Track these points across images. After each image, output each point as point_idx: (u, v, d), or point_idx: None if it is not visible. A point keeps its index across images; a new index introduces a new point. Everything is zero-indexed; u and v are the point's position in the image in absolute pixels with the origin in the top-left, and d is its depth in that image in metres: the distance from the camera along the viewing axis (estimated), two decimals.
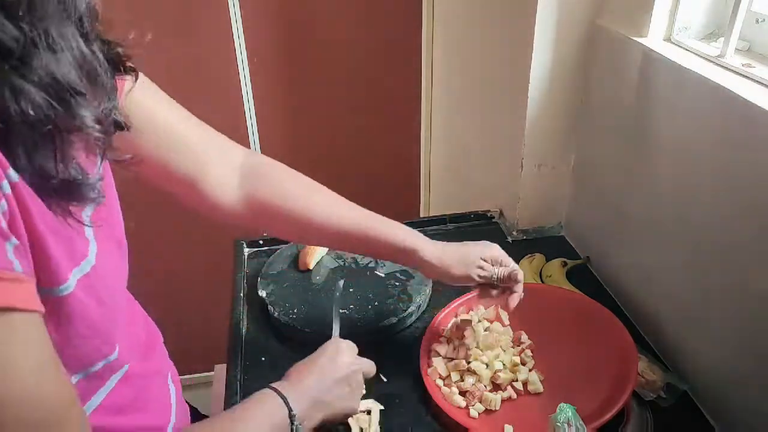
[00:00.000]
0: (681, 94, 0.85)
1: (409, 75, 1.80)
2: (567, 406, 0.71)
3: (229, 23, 1.62)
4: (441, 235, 1.26)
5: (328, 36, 1.71)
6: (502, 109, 1.28)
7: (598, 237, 1.14)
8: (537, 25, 1.04)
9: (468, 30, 1.49)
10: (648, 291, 0.99)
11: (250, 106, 1.75)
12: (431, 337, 0.95)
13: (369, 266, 1.12)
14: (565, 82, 1.10)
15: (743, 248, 0.76)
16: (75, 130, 0.45)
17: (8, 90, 0.40)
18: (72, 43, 0.45)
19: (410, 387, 0.90)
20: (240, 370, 0.94)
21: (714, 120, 0.78)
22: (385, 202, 2.12)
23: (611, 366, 0.87)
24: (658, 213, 0.93)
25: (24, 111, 0.40)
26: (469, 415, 0.84)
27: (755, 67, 0.79)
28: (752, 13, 0.84)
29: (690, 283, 0.87)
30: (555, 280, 1.08)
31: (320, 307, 1.02)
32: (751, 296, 0.75)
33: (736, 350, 0.79)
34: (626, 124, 0.99)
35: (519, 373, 0.88)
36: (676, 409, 0.85)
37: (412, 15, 1.71)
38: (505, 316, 0.98)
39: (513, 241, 1.25)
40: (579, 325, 0.95)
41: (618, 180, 1.04)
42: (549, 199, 1.24)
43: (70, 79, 0.43)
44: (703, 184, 0.82)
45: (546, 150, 1.18)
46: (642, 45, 0.92)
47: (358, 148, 1.90)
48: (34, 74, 0.41)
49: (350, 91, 1.81)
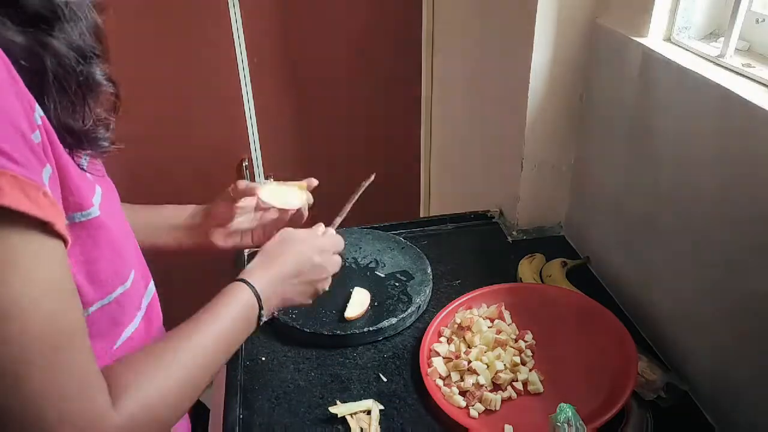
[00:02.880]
0: (681, 94, 0.85)
1: (409, 75, 1.80)
2: (567, 406, 0.71)
3: (229, 23, 1.62)
4: (441, 235, 1.27)
5: (327, 36, 1.71)
6: (502, 109, 1.28)
7: (598, 237, 1.14)
8: (537, 25, 1.04)
9: (468, 29, 1.49)
10: (648, 291, 0.99)
11: (250, 106, 1.75)
12: (431, 337, 0.95)
13: (369, 266, 1.12)
14: (565, 82, 1.10)
15: (743, 248, 0.76)
16: (95, 86, 0.54)
17: (42, 47, 0.48)
18: (88, 13, 0.53)
19: (410, 387, 0.90)
20: (240, 370, 0.94)
21: (714, 120, 0.78)
22: (385, 202, 2.13)
23: (611, 366, 0.87)
24: (658, 213, 0.93)
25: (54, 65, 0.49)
26: (469, 415, 0.84)
27: (755, 67, 0.79)
28: (752, 13, 0.84)
29: (690, 283, 0.87)
30: (555, 280, 1.08)
31: (320, 307, 1.02)
32: (751, 296, 0.75)
33: (736, 350, 0.79)
34: (626, 123, 0.99)
35: (519, 373, 0.88)
36: (676, 409, 0.85)
37: (412, 15, 1.71)
38: (507, 315, 0.98)
39: (513, 241, 1.25)
40: (579, 325, 0.95)
41: (618, 180, 1.04)
42: (549, 199, 1.24)
43: (89, 41, 0.52)
44: (703, 184, 0.82)
45: (546, 150, 1.18)
46: (642, 45, 0.92)
47: (358, 147, 1.91)
48: (61, 36, 0.50)
49: (350, 91, 1.81)
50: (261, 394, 0.90)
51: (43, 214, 0.45)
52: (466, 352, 0.91)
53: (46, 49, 0.48)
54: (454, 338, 0.95)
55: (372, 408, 0.85)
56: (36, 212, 0.44)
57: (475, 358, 0.89)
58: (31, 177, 0.45)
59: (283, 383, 0.92)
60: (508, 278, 1.11)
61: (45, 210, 0.45)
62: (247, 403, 0.89)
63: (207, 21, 1.62)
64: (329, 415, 0.84)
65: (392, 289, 1.06)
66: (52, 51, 0.49)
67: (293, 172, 1.89)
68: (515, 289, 1.04)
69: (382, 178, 2.07)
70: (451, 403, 0.85)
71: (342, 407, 0.85)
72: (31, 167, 0.45)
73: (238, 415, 0.87)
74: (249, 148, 1.81)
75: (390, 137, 1.91)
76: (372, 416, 0.83)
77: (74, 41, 0.51)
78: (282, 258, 0.77)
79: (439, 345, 0.94)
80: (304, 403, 0.88)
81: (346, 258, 1.14)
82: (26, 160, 0.45)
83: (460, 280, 1.12)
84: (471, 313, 0.99)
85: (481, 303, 1.01)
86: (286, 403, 0.88)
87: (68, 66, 0.50)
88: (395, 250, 1.16)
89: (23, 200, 0.43)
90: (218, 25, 1.62)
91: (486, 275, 1.11)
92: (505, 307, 1.00)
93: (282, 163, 1.86)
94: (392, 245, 1.17)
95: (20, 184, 0.43)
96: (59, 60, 0.49)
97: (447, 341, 0.95)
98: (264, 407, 0.88)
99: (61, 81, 0.50)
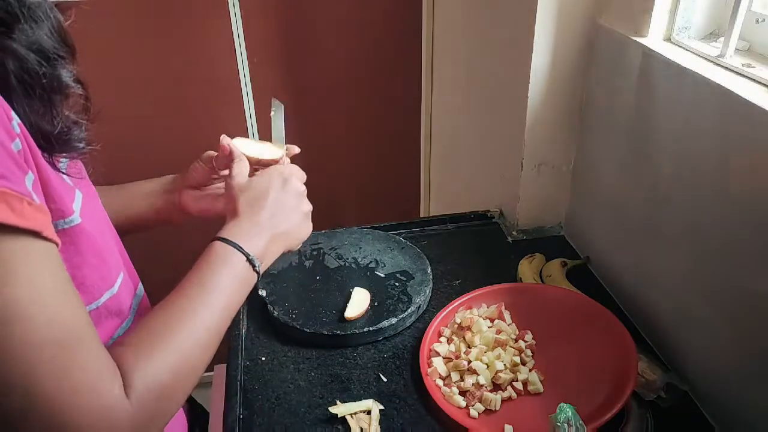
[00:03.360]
0: (681, 94, 0.85)
1: (409, 75, 1.81)
2: (567, 406, 0.71)
3: (229, 23, 1.62)
4: (441, 235, 1.27)
5: (328, 36, 1.71)
6: (502, 109, 1.28)
7: (598, 237, 1.14)
8: (537, 25, 1.04)
9: (468, 29, 1.49)
10: (648, 291, 0.99)
11: (250, 106, 1.75)
12: (431, 337, 0.95)
13: (369, 266, 1.12)
14: (565, 82, 1.10)
15: (743, 248, 0.76)
16: (62, 88, 0.53)
17: (1, 50, 0.47)
18: (49, 14, 0.52)
19: (410, 387, 0.90)
20: (240, 370, 0.94)
21: (714, 120, 0.78)
22: (385, 202, 2.13)
23: (611, 366, 0.87)
24: (658, 213, 0.93)
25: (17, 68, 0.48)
26: (469, 415, 0.84)
27: (755, 67, 0.79)
28: (752, 13, 0.84)
29: (690, 282, 0.87)
30: (555, 280, 1.08)
31: (320, 307, 1.02)
32: (751, 296, 0.75)
33: (737, 350, 0.79)
34: (626, 124, 0.99)
35: (519, 373, 0.88)
36: (676, 409, 0.85)
37: (412, 15, 1.71)
38: (507, 315, 0.98)
39: (513, 241, 1.25)
40: (579, 325, 0.95)
41: (618, 180, 1.04)
42: (549, 199, 1.24)
43: (50, 43, 0.51)
44: (703, 184, 0.82)
45: (546, 150, 1.18)
46: (642, 45, 0.92)
47: (358, 147, 1.91)
48: (21, 39, 0.48)
49: (350, 91, 1.81)
50: (261, 394, 0.90)
51: (30, 224, 0.45)
52: (466, 352, 0.91)
53: (5, 52, 0.47)
54: (454, 338, 0.95)
55: (372, 408, 0.85)
56: (23, 224, 0.45)
57: (475, 358, 0.89)
58: (14, 188, 0.45)
59: (283, 383, 0.92)
60: (508, 278, 1.11)
61: (31, 220, 0.45)
62: (247, 403, 0.89)
63: (207, 21, 1.62)
64: (329, 415, 0.84)
65: (392, 289, 1.06)
66: (12, 53, 0.48)
67: None
68: (515, 289, 1.04)
69: (383, 178, 2.08)
70: (451, 403, 0.85)
71: (342, 407, 0.85)
72: (14, 178, 0.45)
73: (238, 415, 0.87)
74: None
75: (390, 137, 1.91)
76: (372, 416, 0.83)
77: (35, 43, 0.50)
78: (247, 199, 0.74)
79: (439, 345, 0.94)
80: (304, 403, 0.88)
81: (346, 258, 1.14)
82: (8, 171, 0.45)
83: (460, 280, 1.12)
84: (471, 313, 0.99)
85: (481, 303, 1.01)
86: (286, 403, 0.88)
87: (30, 69, 0.49)
88: (395, 250, 1.16)
89: (9, 214, 0.44)
90: (218, 25, 1.62)
91: (486, 275, 1.11)
92: (505, 307, 1.00)
93: None
94: (392, 245, 1.17)
95: (4, 197, 0.44)
96: (20, 63, 0.48)
97: (447, 341, 0.95)
98: (264, 407, 0.88)
99: (24, 84, 0.49)
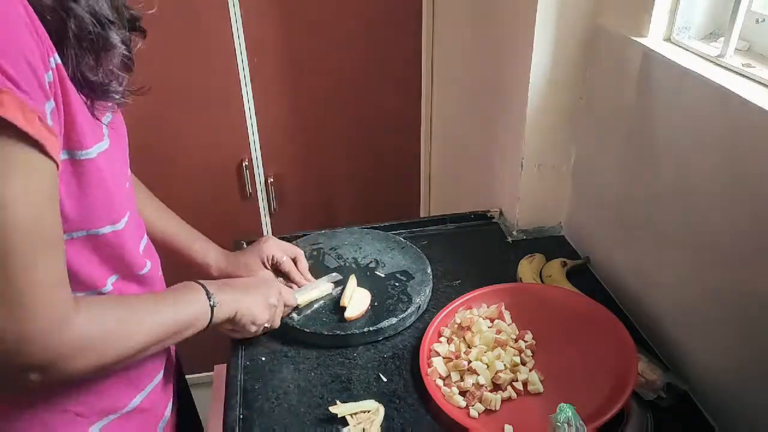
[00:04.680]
0: (681, 94, 0.85)
1: (409, 75, 1.81)
2: (567, 406, 0.71)
3: (229, 23, 1.62)
4: (441, 235, 1.27)
5: (328, 36, 1.71)
6: (502, 109, 1.28)
7: (598, 237, 1.14)
8: (537, 25, 1.04)
9: (468, 29, 1.49)
10: (648, 291, 0.99)
11: (250, 106, 1.75)
12: (431, 337, 0.95)
13: (369, 266, 1.12)
14: (565, 82, 1.11)
15: (743, 248, 0.76)
16: (107, 47, 0.62)
17: (65, 10, 0.57)
18: None
19: (410, 387, 0.90)
20: (240, 370, 0.94)
21: (714, 120, 0.78)
22: (385, 202, 2.13)
23: (611, 366, 0.87)
24: (658, 213, 0.93)
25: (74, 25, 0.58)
26: (469, 415, 0.84)
27: (755, 67, 0.79)
28: (752, 13, 0.84)
29: (690, 283, 0.87)
30: (555, 280, 1.08)
31: (320, 306, 1.02)
32: (751, 296, 0.75)
33: (736, 350, 0.79)
34: (626, 124, 0.99)
35: (519, 373, 0.88)
36: (676, 409, 0.85)
37: (412, 15, 1.71)
38: (507, 315, 0.98)
39: (513, 241, 1.25)
40: (579, 325, 0.95)
41: (618, 180, 1.04)
42: (549, 199, 1.24)
43: (105, 10, 0.61)
44: (703, 184, 0.82)
45: (546, 150, 1.18)
46: (642, 45, 0.92)
47: (359, 148, 1.91)
48: (82, 3, 0.59)
49: (350, 91, 1.81)
50: (261, 394, 0.90)
51: (35, 133, 0.52)
52: (466, 352, 0.91)
53: (68, 12, 0.58)
54: (454, 338, 0.95)
55: (378, 408, 0.85)
56: (28, 130, 0.52)
57: (475, 358, 0.89)
58: (31, 103, 0.52)
59: (283, 383, 0.92)
60: (508, 278, 1.11)
61: (38, 132, 0.52)
62: (247, 403, 0.89)
63: (207, 21, 1.62)
64: (329, 415, 0.84)
65: (392, 289, 1.06)
66: (73, 14, 0.58)
67: (293, 172, 1.89)
68: (515, 289, 1.04)
69: (383, 178, 2.08)
70: (451, 403, 0.85)
71: (342, 407, 0.85)
72: (35, 96, 0.53)
73: (238, 415, 0.87)
74: (249, 148, 1.81)
75: (390, 137, 1.91)
76: (377, 416, 0.84)
77: (92, 9, 0.60)
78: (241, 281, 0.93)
79: (439, 345, 0.94)
80: (304, 403, 0.88)
81: (346, 258, 1.14)
82: (31, 89, 0.52)
83: (460, 280, 1.12)
84: (471, 313, 0.99)
85: (481, 303, 1.01)
86: (286, 403, 0.88)
87: (84, 27, 0.59)
88: (395, 250, 1.16)
89: (19, 118, 0.51)
90: (218, 25, 1.62)
91: (486, 275, 1.11)
92: (505, 307, 1.00)
93: (282, 164, 1.86)
94: (392, 245, 1.17)
95: (20, 105, 0.51)
96: (78, 22, 0.58)
97: (447, 341, 0.95)
98: (264, 407, 0.88)
99: (78, 39, 0.59)
